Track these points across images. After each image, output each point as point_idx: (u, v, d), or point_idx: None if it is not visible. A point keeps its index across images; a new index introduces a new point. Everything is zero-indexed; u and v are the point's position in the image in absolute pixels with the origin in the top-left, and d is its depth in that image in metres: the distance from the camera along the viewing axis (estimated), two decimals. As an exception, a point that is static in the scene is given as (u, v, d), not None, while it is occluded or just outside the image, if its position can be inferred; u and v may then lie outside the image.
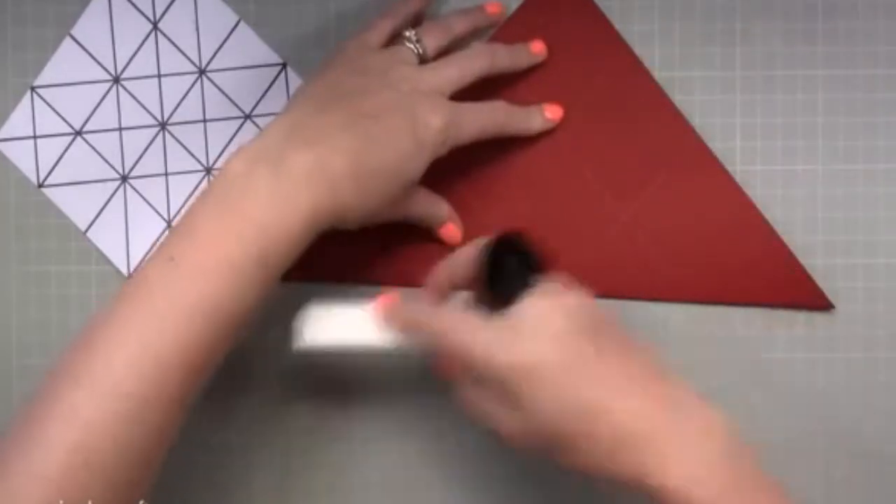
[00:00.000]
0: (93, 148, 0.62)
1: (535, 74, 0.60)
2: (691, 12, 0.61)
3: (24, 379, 0.63)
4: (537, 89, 0.60)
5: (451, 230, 0.59)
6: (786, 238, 0.60)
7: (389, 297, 0.54)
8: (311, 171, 0.49)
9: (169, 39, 0.62)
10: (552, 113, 0.59)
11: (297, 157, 0.50)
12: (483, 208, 0.60)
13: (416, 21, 0.59)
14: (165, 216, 0.62)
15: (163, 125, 0.62)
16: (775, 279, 0.59)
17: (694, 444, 0.46)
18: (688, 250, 0.59)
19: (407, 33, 0.56)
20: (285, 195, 0.49)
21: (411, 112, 0.53)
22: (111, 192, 0.62)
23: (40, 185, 0.63)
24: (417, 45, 0.56)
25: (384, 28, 0.57)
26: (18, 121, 0.63)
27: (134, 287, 0.48)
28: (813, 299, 0.59)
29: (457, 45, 0.58)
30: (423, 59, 0.56)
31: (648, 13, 0.61)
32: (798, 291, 0.59)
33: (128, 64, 0.62)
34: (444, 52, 0.57)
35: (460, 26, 0.58)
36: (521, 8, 0.60)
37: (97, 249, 0.62)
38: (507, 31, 0.60)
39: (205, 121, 0.62)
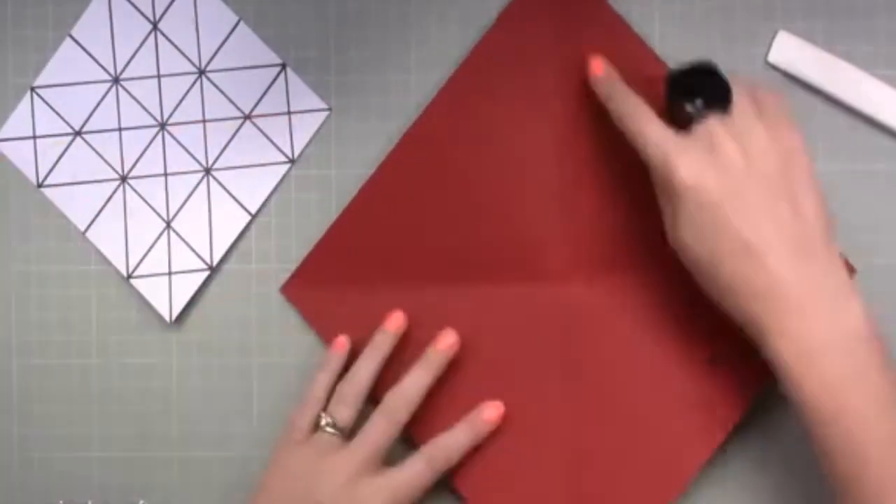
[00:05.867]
0: (92, 148, 0.62)
1: (544, 71, 0.60)
2: (691, 12, 0.61)
3: (24, 379, 0.63)
4: (549, 86, 0.60)
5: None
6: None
7: (602, 62, 0.57)
8: None
9: (169, 40, 0.62)
10: (492, 412, 0.59)
11: None
12: (495, 214, 0.60)
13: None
14: (165, 216, 0.62)
15: (162, 125, 0.62)
16: None
17: (825, 325, 0.50)
18: None
19: (322, 422, 0.57)
20: None
21: None
22: (110, 192, 0.62)
23: (40, 185, 0.63)
24: (334, 428, 0.57)
25: (304, 419, 0.58)
26: (18, 121, 0.63)
27: None
28: None
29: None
30: (343, 432, 0.57)
31: (648, 13, 0.61)
32: None
33: (127, 64, 0.62)
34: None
35: (366, 375, 0.58)
36: (510, 6, 0.60)
37: (97, 249, 0.62)
38: (499, 29, 0.60)
39: (204, 121, 0.62)
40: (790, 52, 0.60)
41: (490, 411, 0.59)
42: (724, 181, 0.51)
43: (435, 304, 0.60)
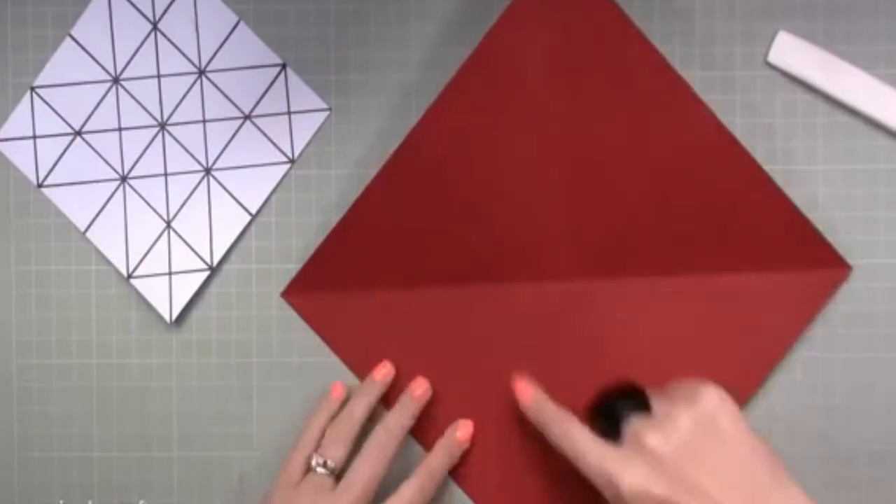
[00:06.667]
0: (92, 148, 0.63)
1: (547, 70, 0.59)
2: (691, 12, 0.61)
3: (24, 379, 0.63)
4: (552, 85, 0.59)
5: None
6: (786, 238, 0.60)
7: (530, 388, 0.58)
8: None
9: (169, 40, 0.62)
10: (463, 431, 0.60)
11: None
12: (510, 209, 0.60)
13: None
14: (165, 216, 0.62)
15: (162, 125, 0.62)
16: (800, 251, 0.59)
17: None
18: (706, 225, 0.59)
19: (312, 462, 0.58)
20: None
21: None
22: (110, 192, 0.62)
23: (40, 185, 0.63)
24: (325, 468, 0.58)
25: (297, 460, 0.58)
26: (18, 121, 0.63)
27: None
28: (832, 262, 0.60)
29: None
30: (335, 472, 0.58)
31: (648, 13, 0.61)
32: (816, 256, 0.59)
33: (127, 64, 0.62)
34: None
35: (358, 415, 0.59)
36: (513, 5, 0.60)
37: (97, 249, 0.62)
38: (501, 28, 0.60)
39: (204, 121, 0.62)
40: (790, 52, 0.60)
41: (462, 430, 0.60)
42: (661, 472, 0.52)
43: (436, 305, 0.60)
